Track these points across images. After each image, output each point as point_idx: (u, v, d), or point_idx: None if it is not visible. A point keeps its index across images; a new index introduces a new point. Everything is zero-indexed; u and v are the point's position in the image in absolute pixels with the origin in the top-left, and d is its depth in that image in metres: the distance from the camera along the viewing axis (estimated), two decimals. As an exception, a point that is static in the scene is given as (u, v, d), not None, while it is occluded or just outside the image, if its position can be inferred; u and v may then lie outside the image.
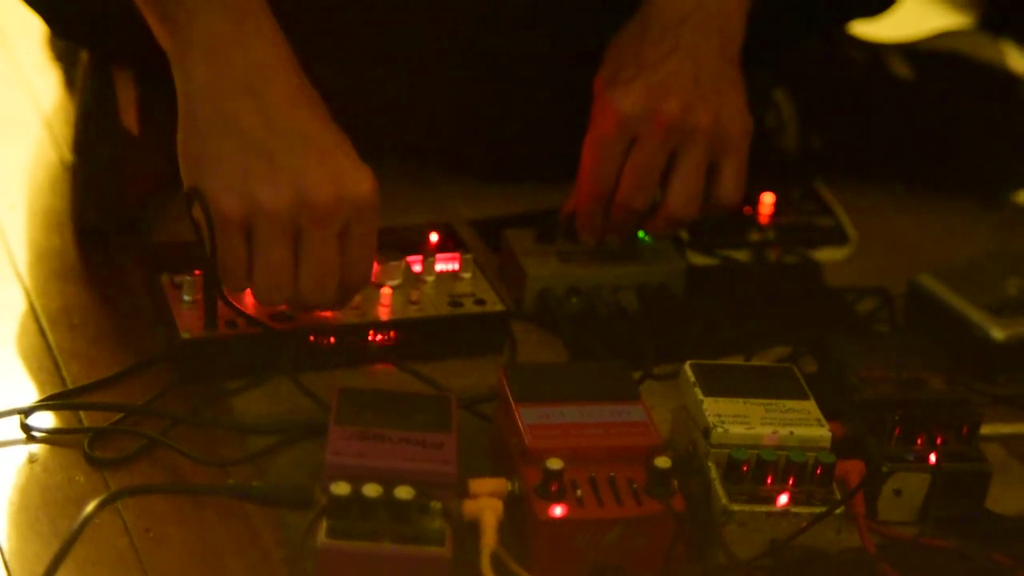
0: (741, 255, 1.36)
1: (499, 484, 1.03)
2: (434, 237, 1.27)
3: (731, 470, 1.05)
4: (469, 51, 1.37)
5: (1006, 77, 1.50)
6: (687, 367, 1.11)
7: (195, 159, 1.10)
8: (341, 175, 1.10)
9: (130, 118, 1.32)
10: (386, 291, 1.21)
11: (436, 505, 0.99)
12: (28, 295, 1.26)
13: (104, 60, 1.35)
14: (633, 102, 1.23)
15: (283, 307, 1.15)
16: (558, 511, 1.01)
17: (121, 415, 1.14)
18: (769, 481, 1.04)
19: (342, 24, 1.35)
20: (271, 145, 1.09)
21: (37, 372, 1.18)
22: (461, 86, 1.40)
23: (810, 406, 1.09)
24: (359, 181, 1.11)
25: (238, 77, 1.09)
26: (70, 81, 1.49)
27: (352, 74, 1.37)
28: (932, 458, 1.10)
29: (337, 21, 1.35)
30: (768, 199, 1.40)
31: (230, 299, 1.15)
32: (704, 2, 1.25)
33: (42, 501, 1.07)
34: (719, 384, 1.09)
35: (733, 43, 1.27)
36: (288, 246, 1.10)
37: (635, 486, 1.03)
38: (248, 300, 1.18)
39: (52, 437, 1.12)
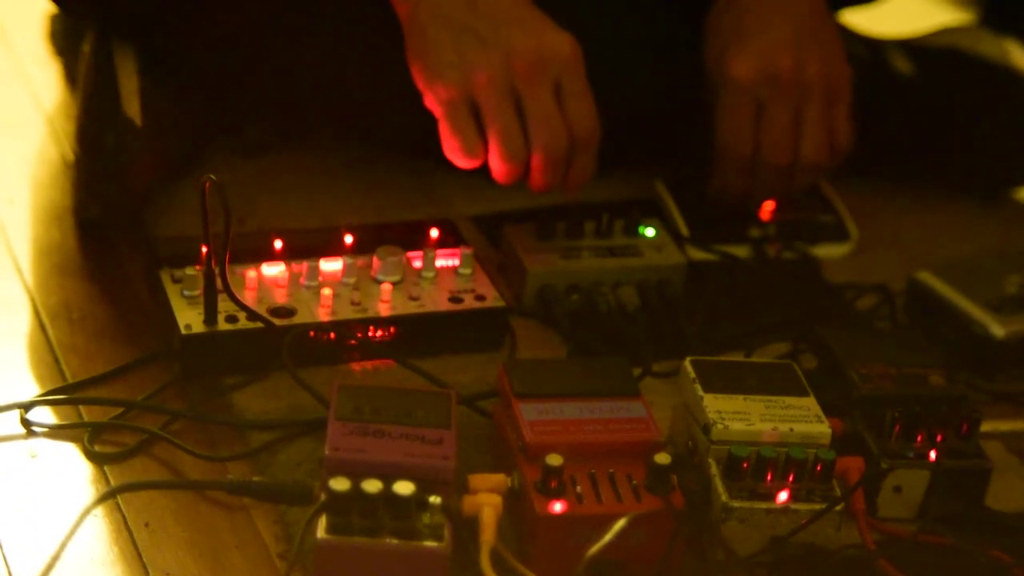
0: (741, 251, 1.36)
1: (499, 480, 1.03)
2: (434, 233, 1.27)
3: (731, 467, 1.05)
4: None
5: (1007, 74, 1.50)
6: (687, 363, 1.11)
7: (420, 61, 1.25)
8: (542, 37, 1.24)
9: (133, 109, 1.32)
10: (386, 287, 1.21)
11: (436, 501, 0.98)
12: (28, 289, 1.26)
13: (105, 37, 1.35)
14: (748, 69, 1.32)
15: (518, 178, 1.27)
16: (557, 507, 1.01)
17: (121, 410, 1.14)
18: (769, 478, 1.04)
19: (341, 21, 1.35)
20: (477, 25, 1.23)
21: (37, 367, 1.18)
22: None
23: (810, 403, 1.09)
24: (559, 40, 1.24)
25: None
26: (71, 75, 1.49)
27: (352, 70, 1.37)
28: (932, 455, 1.10)
29: (336, 17, 1.35)
30: (769, 195, 1.40)
31: (234, 292, 1.15)
32: None
33: (42, 496, 1.07)
34: (719, 380, 1.09)
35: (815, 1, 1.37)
36: (512, 109, 1.23)
37: (635, 482, 1.03)
38: (249, 295, 1.18)
39: (52, 432, 1.12)
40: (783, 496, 1.04)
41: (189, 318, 1.16)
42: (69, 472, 1.09)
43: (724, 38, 1.34)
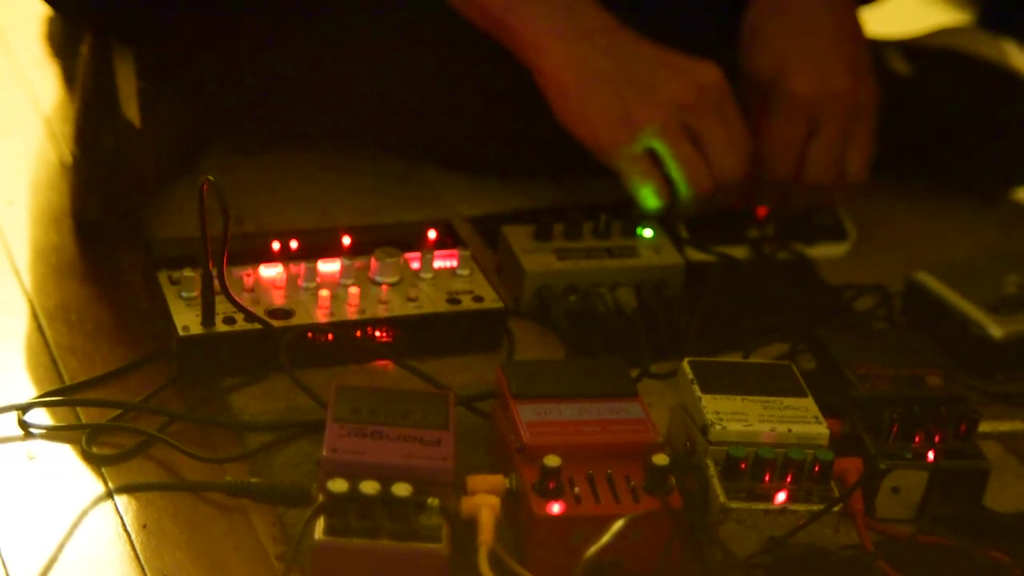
0: (739, 252, 1.36)
1: (497, 481, 1.03)
2: (432, 234, 1.27)
3: (729, 467, 1.05)
4: (468, 47, 1.37)
5: (1005, 74, 1.50)
6: (685, 364, 1.11)
7: (584, 125, 1.29)
8: (694, 72, 1.29)
9: (132, 110, 1.32)
10: (384, 288, 1.21)
11: (434, 502, 0.99)
12: (26, 291, 1.26)
13: (103, 39, 1.35)
14: (811, 87, 1.33)
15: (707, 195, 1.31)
16: (555, 508, 1.01)
17: (119, 411, 1.14)
18: (767, 478, 1.04)
19: (343, 19, 1.35)
20: (630, 77, 1.28)
21: (35, 368, 1.18)
22: (460, 82, 1.39)
23: (808, 403, 1.09)
24: (707, 71, 1.30)
25: (580, 37, 1.29)
26: (69, 77, 1.49)
27: (351, 70, 1.37)
28: (930, 455, 1.10)
29: (336, 16, 1.35)
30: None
31: (232, 294, 1.15)
32: None
33: (40, 497, 1.07)
34: (717, 381, 1.09)
35: (856, 17, 1.39)
36: (689, 143, 1.29)
37: (633, 484, 1.03)
38: (247, 297, 1.18)
39: (50, 433, 1.12)
40: (781, 497, 1.04)
41: (187, 320, 1.16)
42: (67, 474, 1.09)
43: (781, 50, 1.35)
